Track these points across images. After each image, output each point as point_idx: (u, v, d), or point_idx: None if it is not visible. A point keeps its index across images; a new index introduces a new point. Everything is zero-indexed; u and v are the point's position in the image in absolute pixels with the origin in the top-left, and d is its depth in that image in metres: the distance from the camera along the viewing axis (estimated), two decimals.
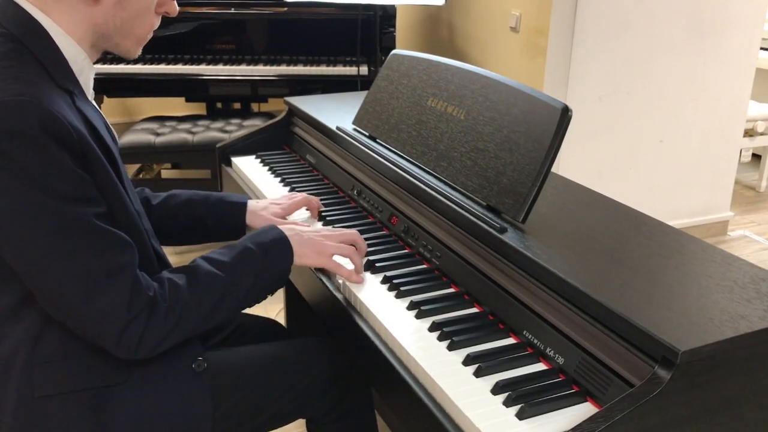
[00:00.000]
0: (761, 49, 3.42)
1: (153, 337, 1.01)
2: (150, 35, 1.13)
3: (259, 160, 1.88)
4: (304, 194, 1.49)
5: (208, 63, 3.17)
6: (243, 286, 1.10)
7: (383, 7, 3.09)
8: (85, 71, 1.07)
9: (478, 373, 0.98)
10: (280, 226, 1.19)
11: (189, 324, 1.05)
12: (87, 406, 1.04)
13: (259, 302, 1.15)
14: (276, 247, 1.15)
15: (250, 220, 1.41)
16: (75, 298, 0.95)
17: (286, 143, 1.98)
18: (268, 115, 3.28)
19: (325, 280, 1.25)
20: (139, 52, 1.13)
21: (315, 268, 1.27)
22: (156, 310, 1.01)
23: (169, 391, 1.09)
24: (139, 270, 1.02)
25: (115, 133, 1.15)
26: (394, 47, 3.09)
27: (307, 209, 1.51)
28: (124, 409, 1.06)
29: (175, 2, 1.15)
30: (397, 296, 1.18)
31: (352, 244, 1.24)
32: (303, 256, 1.18)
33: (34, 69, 0.97)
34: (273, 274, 1.14)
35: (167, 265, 1.19)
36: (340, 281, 1.22)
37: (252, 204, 1.43)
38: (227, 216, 1.40)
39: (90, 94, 1.10)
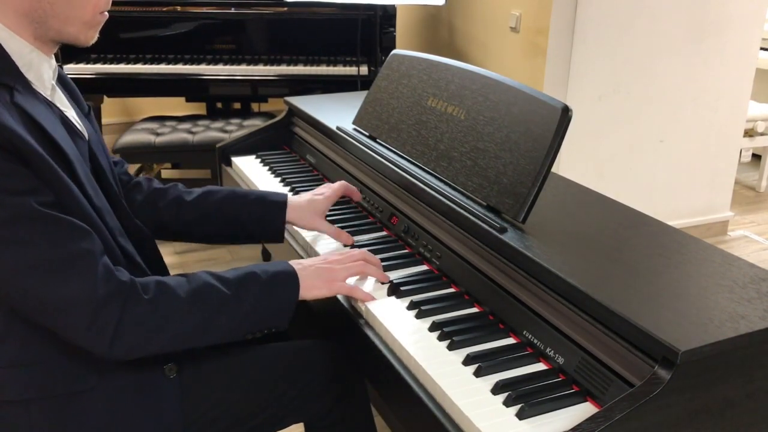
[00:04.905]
0: (761, 49, 3.42)
1: (132, 330, 0.95)
2: (100, 17, 1.05)
3: (259, 160, 1.88)
4: (342, 182, 1.46)
5: (208, 63, 3.16)
6: (242, 307, 1.05)
7: (383, 7, 3.09)
8: (35, 65, 1.01)
9: (478, 373, 0.98)
10: (290, 261, 1.15)
11: (177, 329, 0.99)
12: (52, 414, 1.02)
13: (256, 335, 1.08)
14: (282, 278, 1.10)
15: (292, 216, 1.36)
16: (36, 288, 0.91)
17: (286, 143, 1.98)
18: (268, 115, 3.28)
19: None
20: (94, 37, 1.06)
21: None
22: (133, 299, 0.96)
23: (138, 398, 1.06)
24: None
25: (81, 129, 1.11)
26: (394, 47, 3.09)
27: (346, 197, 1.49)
28: (90, 418, 1.03)
29: None
30: (398, 296, 1.18)
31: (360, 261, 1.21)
32: (313, 288, 1.13)
33: None
34: (275, 303, 1.09)
35: (137, 266, 1.13)
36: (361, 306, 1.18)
37: (293, 200, 1.38)
38: (266, 216, 1.35)
39: (45, 89, 1.04)
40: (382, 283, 1.21)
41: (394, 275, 1.23)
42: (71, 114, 1.11)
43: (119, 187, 1.21)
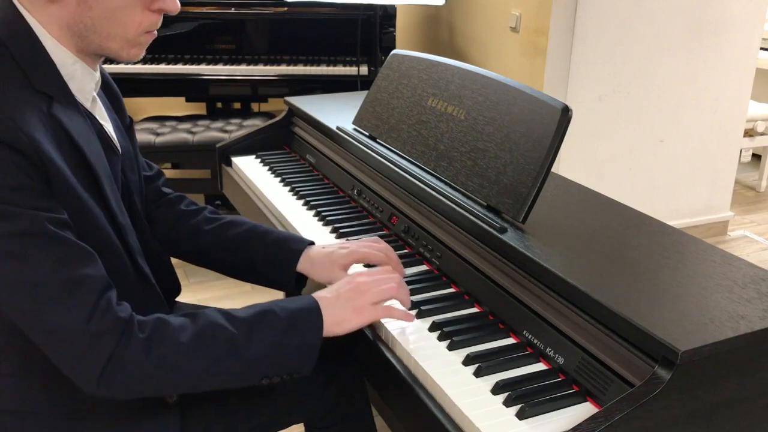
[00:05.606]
0: (761, 49, 3.42)
1: (126, 370, 0.89)
2: (146, 37, 1.02)
3: (259, 160, 1.88)
4: (386, 247, 1.21)
5: (208, 63, 3.16)
6: (254, 351, 0.95)
7: (383, 7, 3.09)
8: (77, 76, 0.99)
9: (478, 373, 0.98)
10: (314, 294, 1.03)
11: (179, 372, 0.92)
12: (49, 430, 1.01)
13: (274, 380, 0.98)
14: (303, 317, 0.99)
15: (305, 266, 1.20)
16: (26, 307, 0.87)
17: (286, 143, 1.98)
18: (268, 115, 3.28)
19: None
20: (138, 54, 1.03)
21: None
22: (129, 337, 0.89)
23: (137, 424, 1.05)
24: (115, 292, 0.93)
25: (116, 144, 1.09)
26: (394, 47, 3.09)
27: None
28: None
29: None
30: None
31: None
32: (341, 322, 1.01)
33: (6, 71, 0.92)
34: (294, 347, 0.97)
35: (151, 288, 1.10)
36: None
37: (312, 249, 1.21)
38: (279, 260, 1.21)
39: (86, 100, 1.03)
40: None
41: None
42: (108, 127, 1.08)
43: (143, 205, 1.19)
